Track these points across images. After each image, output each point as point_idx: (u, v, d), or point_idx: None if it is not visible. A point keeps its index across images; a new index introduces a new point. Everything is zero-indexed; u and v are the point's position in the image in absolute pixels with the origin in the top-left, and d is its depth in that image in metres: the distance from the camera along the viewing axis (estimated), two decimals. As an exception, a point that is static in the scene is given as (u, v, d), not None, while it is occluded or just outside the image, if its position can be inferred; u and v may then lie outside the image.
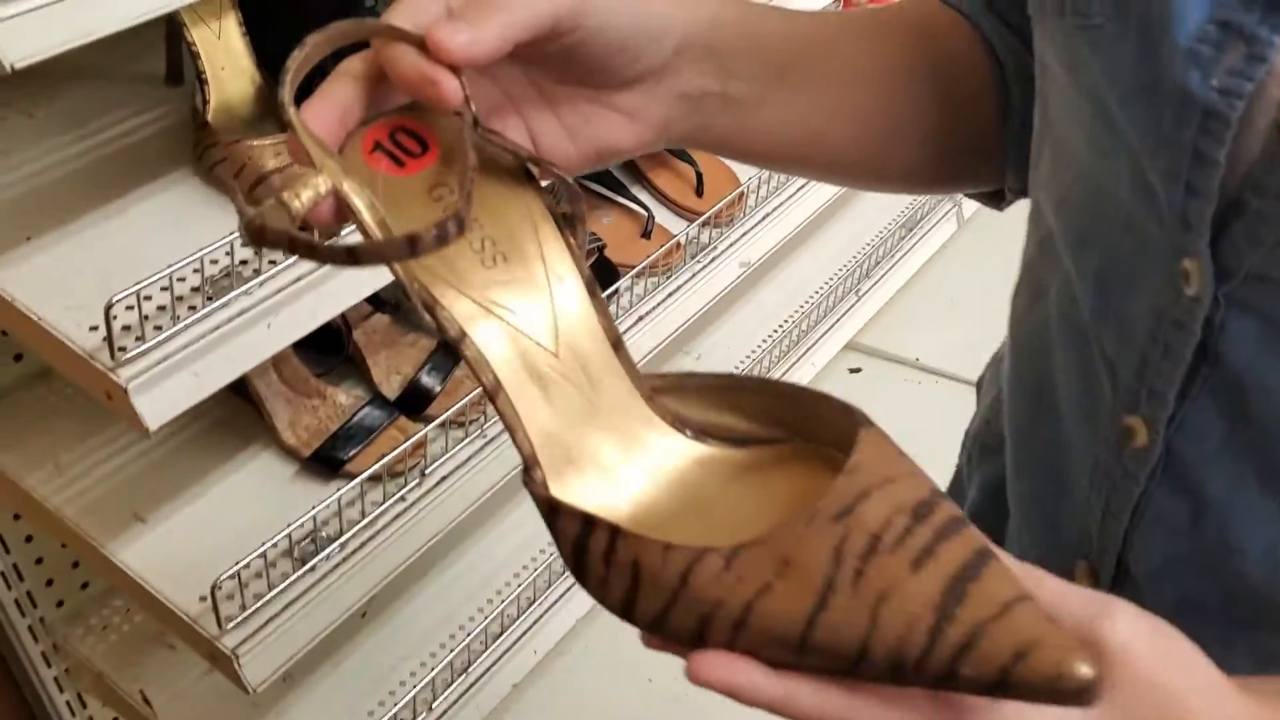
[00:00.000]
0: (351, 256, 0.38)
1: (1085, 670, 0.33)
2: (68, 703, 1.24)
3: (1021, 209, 0.64)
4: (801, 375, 1.63)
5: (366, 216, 0.42)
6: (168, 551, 1.00)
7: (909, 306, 1.91)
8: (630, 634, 0.40)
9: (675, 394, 0.45)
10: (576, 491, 0.43)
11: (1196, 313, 0.44)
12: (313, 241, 0.39)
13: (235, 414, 1.11)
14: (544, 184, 0.47)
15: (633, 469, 0.44)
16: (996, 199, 0.63)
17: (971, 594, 0.34)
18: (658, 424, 0.45)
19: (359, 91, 0.43)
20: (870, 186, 0.65)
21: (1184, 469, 0.47)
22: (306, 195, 0.41)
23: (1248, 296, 0.43)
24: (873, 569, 0.35)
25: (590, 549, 0.39)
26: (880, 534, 0.35)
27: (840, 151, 0.58)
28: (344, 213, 0.42)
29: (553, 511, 0.41)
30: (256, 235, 0.39)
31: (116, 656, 1.17)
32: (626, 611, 0.39)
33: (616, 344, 0.45)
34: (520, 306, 0.44)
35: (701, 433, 0.45)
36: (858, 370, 2.09)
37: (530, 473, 0.42)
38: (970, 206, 1.95)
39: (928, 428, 0.95)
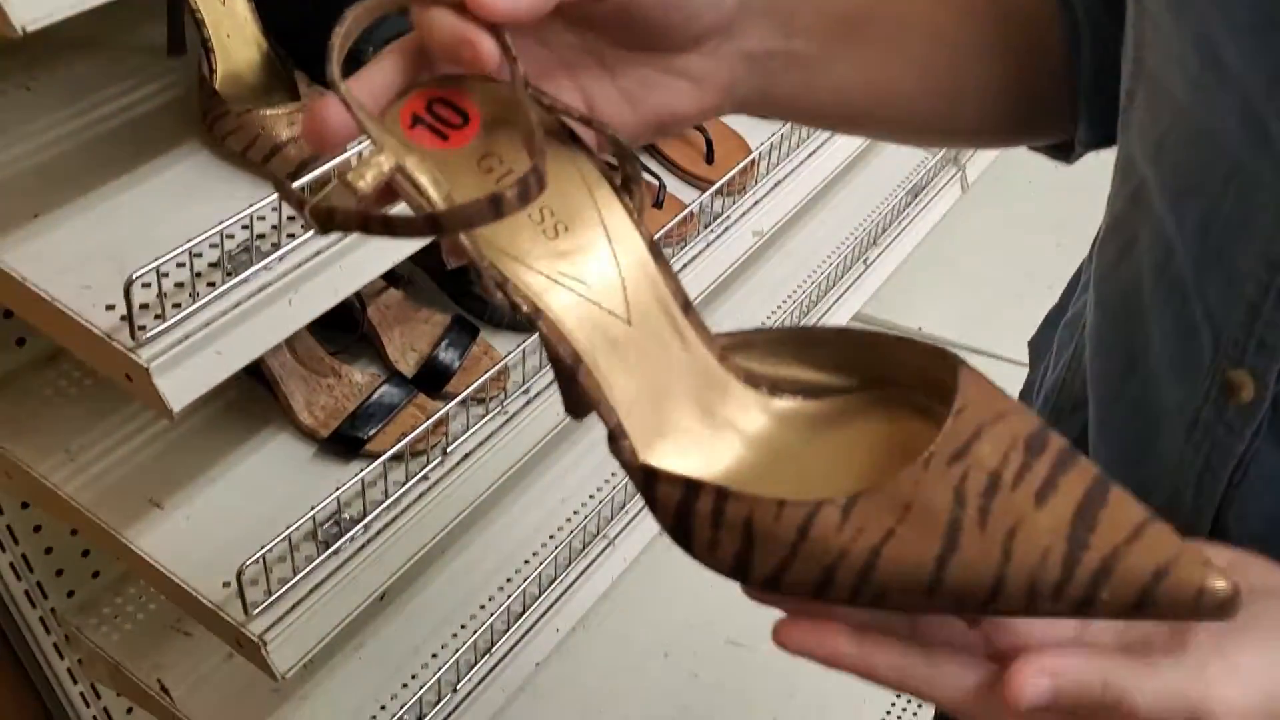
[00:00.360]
0: (433, 225, 0.37)
1: (1224, 584, 0.34)
2: (81, 694, 1.21)
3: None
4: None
5: (433, 193, 0.41)
6: (187, 537, 0.97)
7: (909, 276, 1.90)
8: (646, 610, 0.39)
9: (745, 351, 0.44)
10: (664, 457, 0.42)
11: None
12: (389, 216, 0.38)
13: (248, 395, 1.08)
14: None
15: (716, 430, 0.43)
16: (1064, 151, 0.61)
17: (1102, 520, 0.35)
18: (734, 384, 0.44)
19: (399, 67, 0.42)
20: (937, 142, 0.63)
21: None
22: (371, 174, 0.39)
23: None
24: (998, 506, 0.35)
25: (696, 513, 0.38)
26: (999, 471, 0.36)
27: (908, 107, 0.57)
28: (390, 194, 0.41)
29: (650, 479, 0.39)
30: (325, 219, 0.38)
31: (131, 646, 1.14)
32: (740, 571, 0.38)
33: (686, 306, 0.44)
34: (588, 276, 0.42)
35: (775, 388, 0.44)
36: (861, 340, 2.07)
37: (618, 443, 0.41)
38: (974, 172, 1.93)
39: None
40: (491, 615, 1.19)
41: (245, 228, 0.84)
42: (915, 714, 1.55)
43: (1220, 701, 0.36)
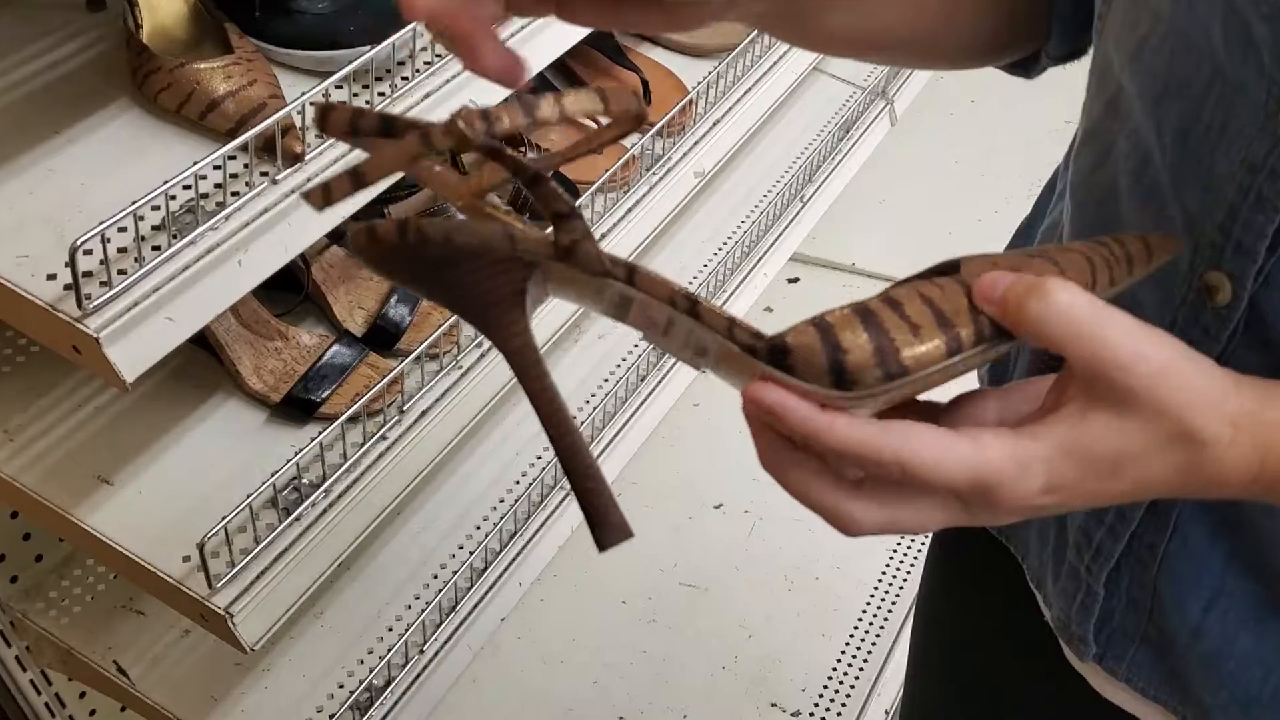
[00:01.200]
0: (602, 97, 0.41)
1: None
2: (31, 682, 1.17)
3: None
4: (754, 287, 1.61)
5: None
6: (140, 513, 0.94)
7: (841, 212, 1.90)
8: (602, 559, 0.39)
9: None
10: None
11: None
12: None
13: (193, 363, 1.04)
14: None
15: None
16: (1027, 67, 0.62)
17: (1107, 242, 0.46)
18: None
19: None
20: (924, 65, 0.65)
21: (1268, 325, 0.46)
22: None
23: None
24: (1049, 251, 0.45)
25: (882, 320, 0.41)
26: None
27: (902, 38, 0.59)
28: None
29: (824, 326, 0.41)
30: (525, 105, 0.39)
31: (82, 629, 1.11)
32: (954, 350, 0.41)
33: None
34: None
35: None
36: (796, 280, 2.08)
37: (762, 339, 0.42)
38: (902, 105, 1.93)
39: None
40: (454, 574, 1.18)
41: (187, 187, 0.80)
42: (870, 653, 1.58)
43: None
